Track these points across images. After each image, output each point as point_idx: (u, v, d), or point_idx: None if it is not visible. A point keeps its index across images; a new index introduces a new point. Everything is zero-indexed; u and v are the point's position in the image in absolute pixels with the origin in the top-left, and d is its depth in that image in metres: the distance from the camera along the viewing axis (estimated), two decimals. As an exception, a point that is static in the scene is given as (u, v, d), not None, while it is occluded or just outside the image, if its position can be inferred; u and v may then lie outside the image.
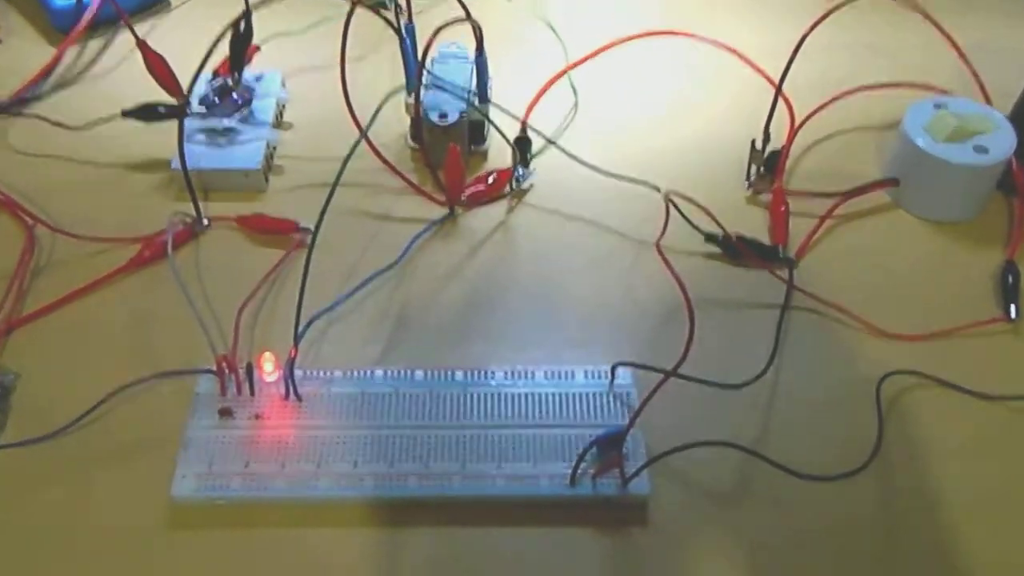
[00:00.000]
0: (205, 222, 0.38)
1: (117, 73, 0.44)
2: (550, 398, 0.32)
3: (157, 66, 0.37)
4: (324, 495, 0.29)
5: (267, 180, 0.40)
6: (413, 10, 0.38)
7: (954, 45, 0.42)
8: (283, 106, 0.43)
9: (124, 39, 0.45)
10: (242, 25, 0.39)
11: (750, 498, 0.30)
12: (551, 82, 0.44)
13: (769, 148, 0.39)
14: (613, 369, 0.33)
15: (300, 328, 0.31)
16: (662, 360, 0.29)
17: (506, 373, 0.32)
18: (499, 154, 0.41)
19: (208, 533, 0.29)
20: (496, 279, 0.37)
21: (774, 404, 0.33)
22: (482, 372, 0.32)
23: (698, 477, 0.31)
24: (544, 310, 0.35)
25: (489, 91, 0.40)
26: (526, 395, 0.32)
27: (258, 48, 0.44)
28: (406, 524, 0.29)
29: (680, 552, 0.29)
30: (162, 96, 0.39)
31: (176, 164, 0.38)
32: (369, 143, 0.37)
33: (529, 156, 0.40)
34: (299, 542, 0.29)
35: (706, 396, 0.32)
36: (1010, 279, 0.36)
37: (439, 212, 0.39)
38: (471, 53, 0.39)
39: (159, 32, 0.46)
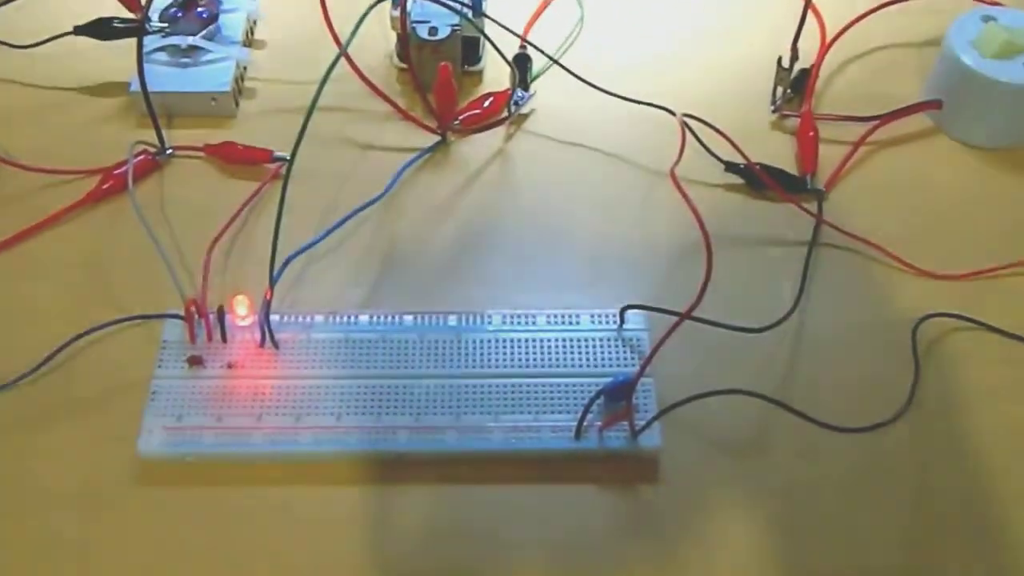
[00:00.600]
0: (169, 151, 0.38)
1: (69, -16, 0.43)
2: (553, 344, 0.31)
3: (113, -25, 0.37)
4: (305, 450, 0.29)
5: (237, 104, 0.39)
6: (399, -91, 0.37)
7: (1005, -52, 0.42)
8: (254, 21, 0.42)
9: (75, -53, 0.44)
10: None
11: (772, 452, 0.30)
12: (554, -7, 0.44)
13: (797, 67, 0.39)
14: (622, 312, 0.32)
15: (276, 268, 0.30)
16: (676, 303, 0.28)
17: (504, 317, 0.32)
18: (496, 75, 0.40)
19: (178, 492, 0.29)
20: (493, 214, 0.36)
21: (799, 349, 0.32)
22: (478, 316, 0.32)
23: (714, 429, 0.30)
24: (546, 248, 0.35)
25: (484, 3, 0.39)
26: (526, 341, 0.31)
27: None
28: (395, 482, 0.29)
29: (693, 510, 0.28)
30: (119, 10, 0.38)
31: (136, 87, 0.37)
32: (350, 62, 0.36)
33: (529, 77, 0.40)
34: (278, 502, 0.29)
35: (724, 341, 0.31)
36: (1063, 213, 0.36)
37: (430, 140, 0.38)
38: (463, -41, 0.39)
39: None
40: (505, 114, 0.38)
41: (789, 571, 0.27)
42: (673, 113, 0.37)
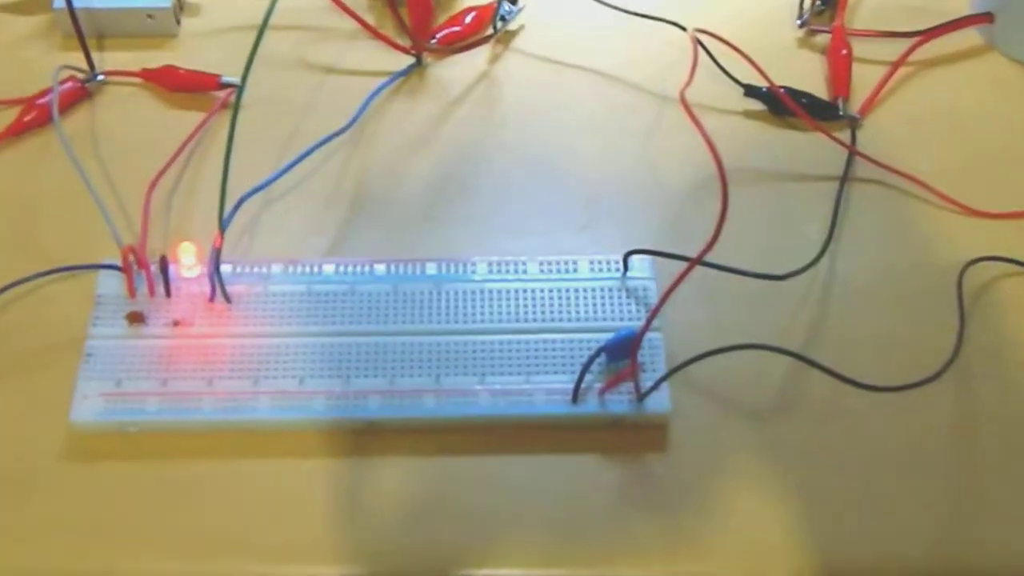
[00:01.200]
0: (100, 77, 0.37)
1: None
2: (546, 296, 0.31)
3: None
4: (263, 418, 0.29)
5: (178, 22, 0.39)
6: None
7: None
8: (196, -79, 0.42)
9: None
10: None
11: (796, 415, 0.29)
12: None
13: (829, -28, 0.39)
14: (626, 258, 0.32)
15: (227, 211, 0.29)
16: (688, 247, 0.28)
17: (491, 266, 0.32)
18: (479, -15, 0.41)
19: (118, 466, 0.28)
20: (476, 146, 0.36)
21: (829, 298, 0.32)
22: (460, 264, 0.32)
23: (731, 390, 0.30)
24: (538, 185, 0.35)
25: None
26: (516, 293, 0.31)
27: None
28: (367, 453, 0.28)
29: (707, 482, 0.28)
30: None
31: (60, 2, 0.37)
32: (309, -31, 0.37)
33: (518, -13, 0.40)
34: (232, 477, 0.28)
35: (743, 290, 0.31)
36: None
37: (403, 61, 0.38)
38: None
39: None
40: (490, 31, 0.38)
41: (815, 550, 0.27)
42: (684, 29, 0.37)
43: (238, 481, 0.28)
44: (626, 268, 0.32)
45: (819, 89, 0.37)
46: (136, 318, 0.30)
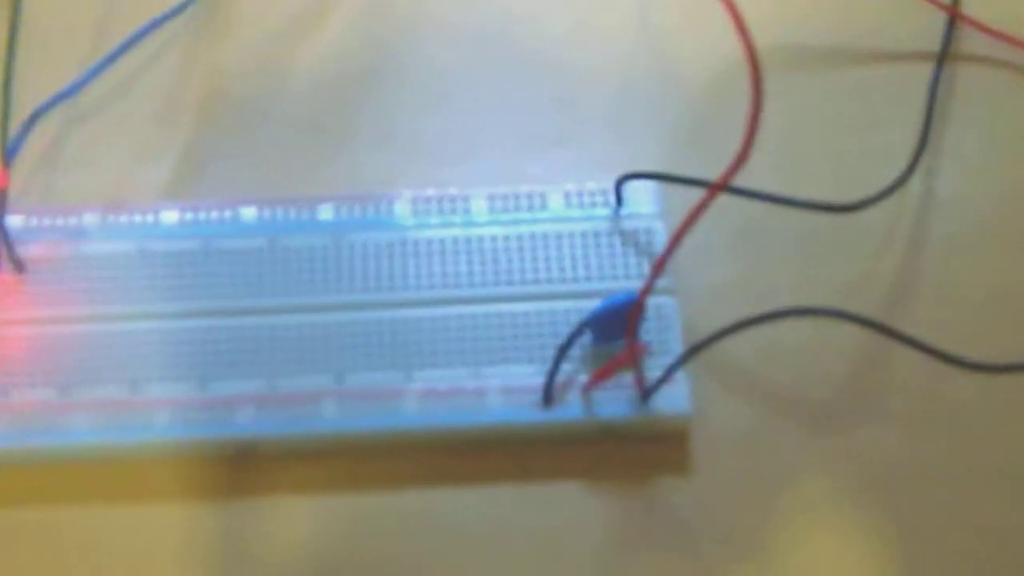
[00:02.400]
0: None
1: None
2: (501, 247, 0.30)
3: None
4: (79, 443, 0.28)
5: None
6: None
7: None
8: None
9: None
10: None
11: (875, 414, 0.28)
12: None
13: None
14: (619, 186, 0.31)
15: (14, 133, 0.29)
16: (710, 168, 0.26)
17: (416, 204, 0.31)
18: None
19: None
20: (392, 24, 0.35)
21: (918, 239, 0.31)
22: (371, 204, 0.31)
23: (779, 380, 0.29)
24: (489, 80, 0.34)
25: None
26: (456, 243, 0.30)
27: None
28: (241, 491, 0.27)
29: (746, 517, 0.27)
30: None
31: None
32: None
33: None
34: (35, 528, 0.27)
35: (793, 230, 0.31)
36: None
37: None
38: None
39: None
40: None
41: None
42: None
43: (43, 534, 0.27)
44: (619, 201, 0.31)
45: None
46: None
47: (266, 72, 0.34)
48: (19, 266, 0.30)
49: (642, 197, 0.31)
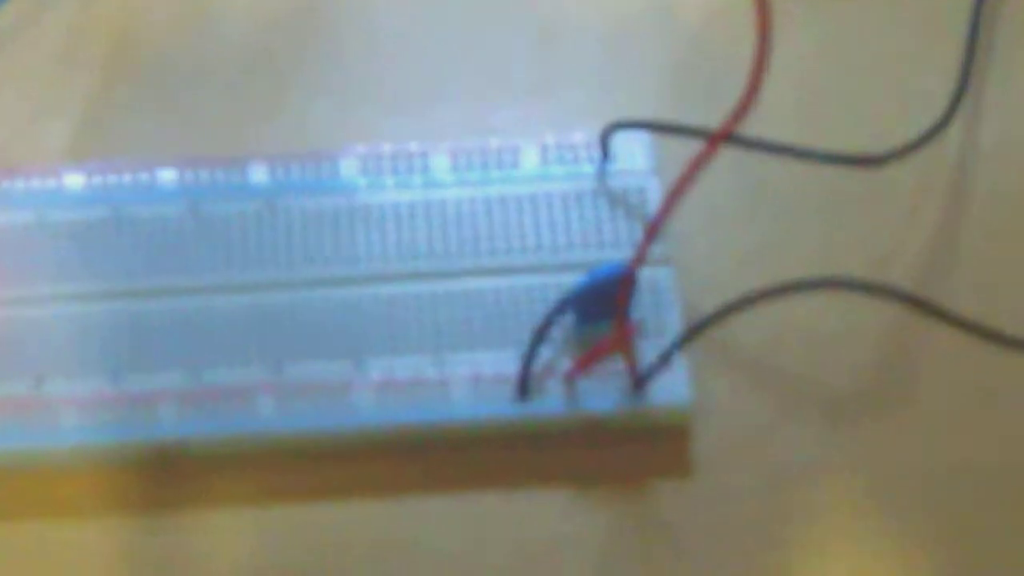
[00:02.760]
0: None
1: None
2: (466, 211, 0.30)
3: None
4: None
5: None
6: None
7: None
8: None
9: None
10: None
11: (910, 404, 0.29)
12: None
13: None
14: (605, 137, 0.30)
15: None
16: (709, 115, 0.26)
17: (366, 162, 0.31)
18: None
19: None
20: None
21: (957, 197, 0.31)
22: (313, 164, 0.31)
23: (796, 366, 0.29)
24: (453, 13, 0.34)
25: None
26: (413, 208, 0.30)
27: None
28: (165, 505, 0.27)
29: (759, 529, 0.27)
30: None
31: None
32: None
33: None
34: None
35: (813, 187, 0.31)
36: None
37: None
38: None
39: None
40: None
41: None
42: None
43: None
44: (606, 156, 0.31)
45: None
46: None
47: (186, 9, 0.34)
48: None
49: (633, 151, 0.31)
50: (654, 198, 0.30)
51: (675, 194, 0.26)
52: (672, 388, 0.28)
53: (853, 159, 0.30)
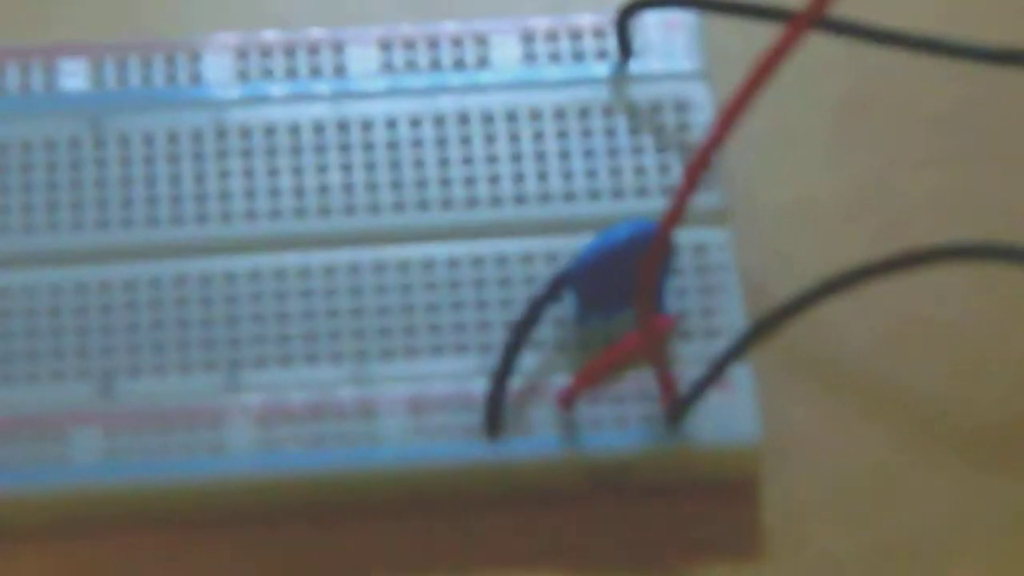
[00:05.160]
0: None
1: None
2: (406, 137, 0.30)
3: None
4: None
5: None
6: None
7: None
8: None
9: None
10: None
11: None
12: None
13: None
14: (624, 21, 0.30)
15: None
16: None
17: (246, 58, 0.31)
18: None
19: None
20: None
21: None
22: (162, 59, 0.30)
23: (921, 379, 0.29)
24: None
25: None
26: (322, 131, 0.30)
27: None
28: None
29: None
30: None
31: None
32: None
33: None
34: None
35: (937, 101, 0.31)
36: None
37: None
38: None
39: None
40: None
41: None
42: None
43: None
44: (626, 49, 0.30)
45: None
46: None
47: None
48: None
49: (670, 42, 0.31)
50: (701, 118, 0.30)
51: (734, 112, 0.23)
52: (730, 418, 0.27)
53: (1007, 55, 0.29)
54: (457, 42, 0.30)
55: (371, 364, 0.27)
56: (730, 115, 0.23)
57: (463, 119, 0.30)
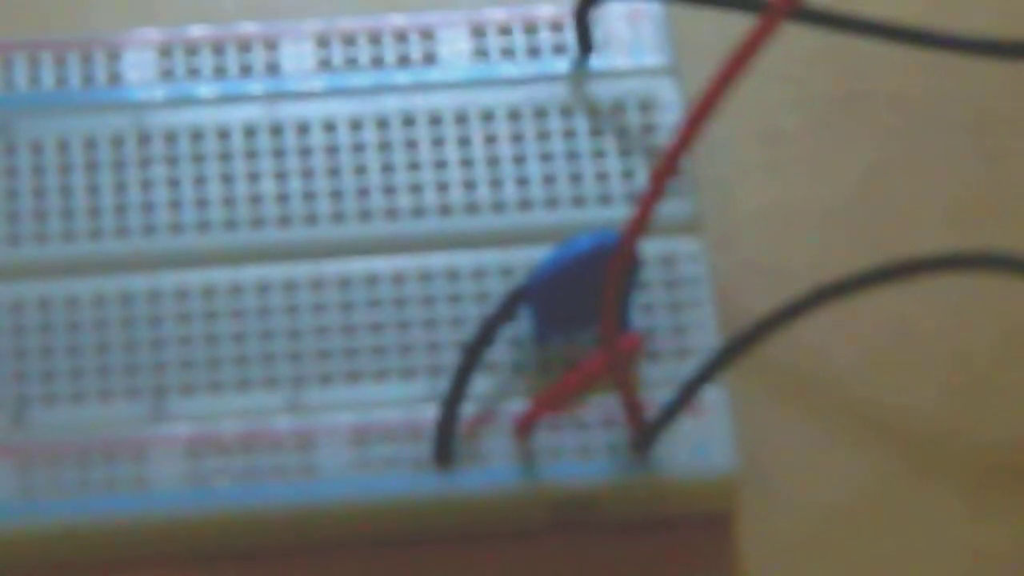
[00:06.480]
0: None
1: None
2: (347, 141, 0.29)
3: None
4: None
5: None
6: None
7: None
8: None
9: None
10: None
11: None
12: None
13: None
14: (582, 14, 0.30)
15: None
16: None
17: (171, 55, 0.30)
18: None
19: None
20: None
21: None
22: (79, 56, 0.30)
23: (917, 402, 0.28)
24: None
25: None
26: (255, 135, 0.29)
27: None
28: None
29: None
30: None
31: None
32: None
33: None
34: None
35: (932, 94, 0.31)
36: None
37: None
38: None
39: None
40: None
41: None
42: None
43: None
44: (585, 46, 0.30)
45: None
46: None
47: None
48: None
49: (632, 35, 0.30)
50: (669, 118, 0.29)
51: (704, 111, 0.23)
52: (703, 446, 0.27)
53: (997, 46, 0.29)
54: (401, 37, 0.30)
55: (309, 390, 0.26)
56: (700, 114, 0.23)
57: (408, 121, 0.29)
